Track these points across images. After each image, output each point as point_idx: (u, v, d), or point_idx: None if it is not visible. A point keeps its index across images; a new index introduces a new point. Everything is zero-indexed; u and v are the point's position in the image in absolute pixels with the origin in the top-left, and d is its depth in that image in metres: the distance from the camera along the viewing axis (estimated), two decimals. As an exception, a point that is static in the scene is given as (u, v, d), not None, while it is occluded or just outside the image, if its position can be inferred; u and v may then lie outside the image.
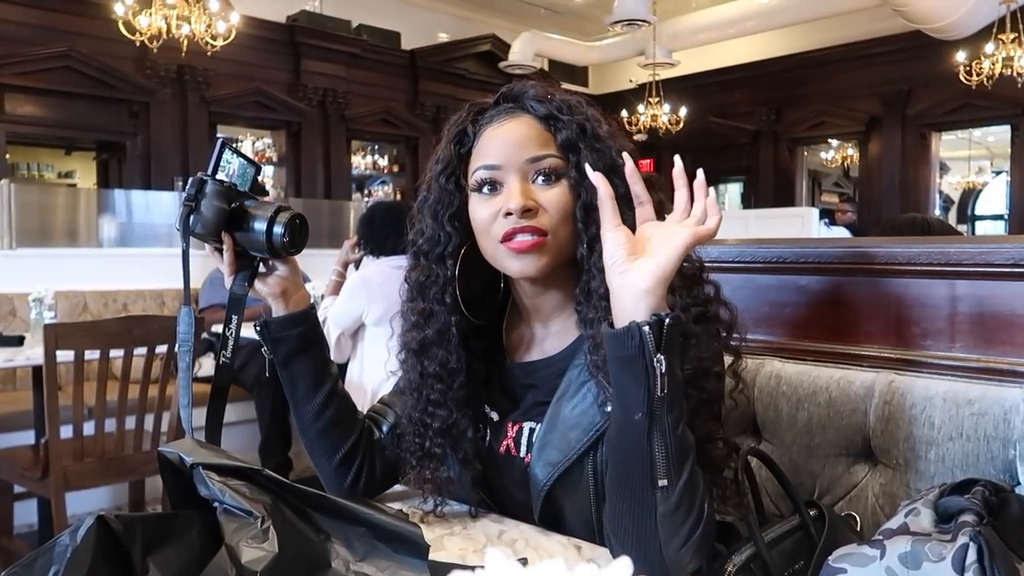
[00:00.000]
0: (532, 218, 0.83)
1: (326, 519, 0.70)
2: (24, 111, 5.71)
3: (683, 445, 0.71)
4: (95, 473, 2.39)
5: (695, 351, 0.80)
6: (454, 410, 0.91)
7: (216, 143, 0.94)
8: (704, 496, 0.73)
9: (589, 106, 0.90)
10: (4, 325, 3.34)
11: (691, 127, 8.44)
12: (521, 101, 0.89)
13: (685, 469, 0.71)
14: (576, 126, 0.85)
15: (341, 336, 2.77)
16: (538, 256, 0.84)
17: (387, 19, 7.76)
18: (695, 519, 0.72)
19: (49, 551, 0.61)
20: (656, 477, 0.70)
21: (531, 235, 0.83)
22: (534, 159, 0.85)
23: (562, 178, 0.85)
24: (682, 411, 0.71)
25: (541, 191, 0.85)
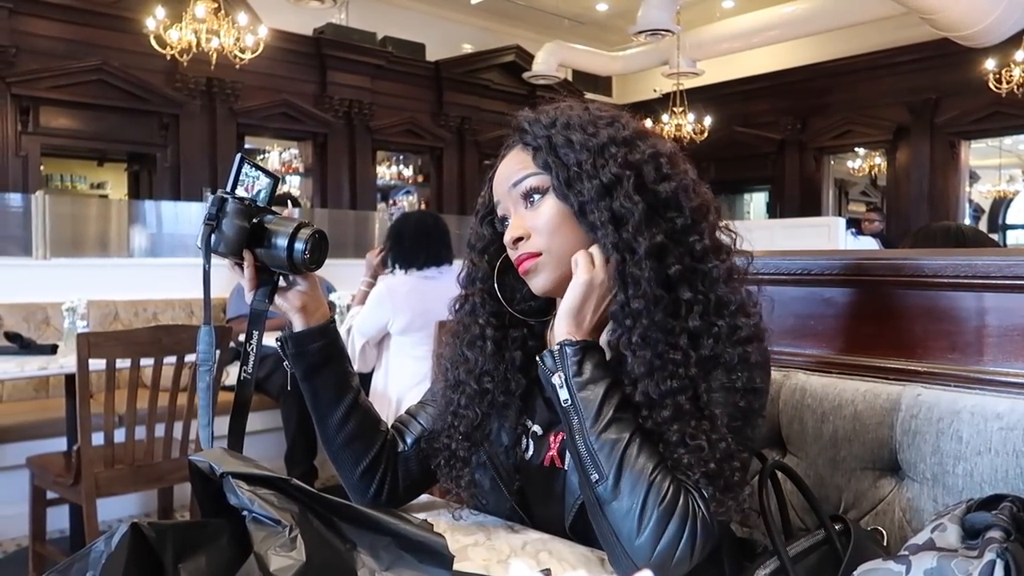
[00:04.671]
0: (525, 244, 0.88)
1: (352, 528, 0.71)
2: (58, 124, 5.83)
3: (606, 443, 0.78)
4: (125, 480, 2.43)
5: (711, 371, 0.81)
6: (480, 411, 0.93)
7: (235, 158, 0.95)
8: (666, 491, 0.76)
9: (573, 108, 0.91)
10: (38, 334, 3.41)
11: (715, 136, 8.41)
12: (515, 131, 0.93)
13: (612, 464, 0.77)
14: (545, 141, 0.87)
15: (366, 345, 2.79)
16: (539, 275, 0.88)
17: (412, 31, 7.83)
18: (656, 512, 0.75)
19: (85, 557, 0.62)
20: (588, 473, 0.79)
21: (528, 260, 0.88)
22: (514, 184, 0.89)
23: (547, 193, 0.87)
24: (600, 415, 0.79)
25: (531, 214, 0.88)
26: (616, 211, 0.82)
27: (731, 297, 0.83)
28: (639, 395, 0.81)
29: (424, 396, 1.09)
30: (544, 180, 0.87)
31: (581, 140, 0.85)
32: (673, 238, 0.82)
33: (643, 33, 6.99)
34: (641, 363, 0.80)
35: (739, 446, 0.80)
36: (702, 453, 0.77)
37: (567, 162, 0.85)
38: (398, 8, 7.89)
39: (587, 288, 0.84)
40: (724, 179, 8.97)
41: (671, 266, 0.81)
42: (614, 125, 0.88)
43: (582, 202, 0.84)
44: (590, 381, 0.80)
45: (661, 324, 0.80)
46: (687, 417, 0.79)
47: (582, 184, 0.84)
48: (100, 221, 5.47)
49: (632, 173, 0.83)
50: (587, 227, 0.85)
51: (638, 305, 0.80)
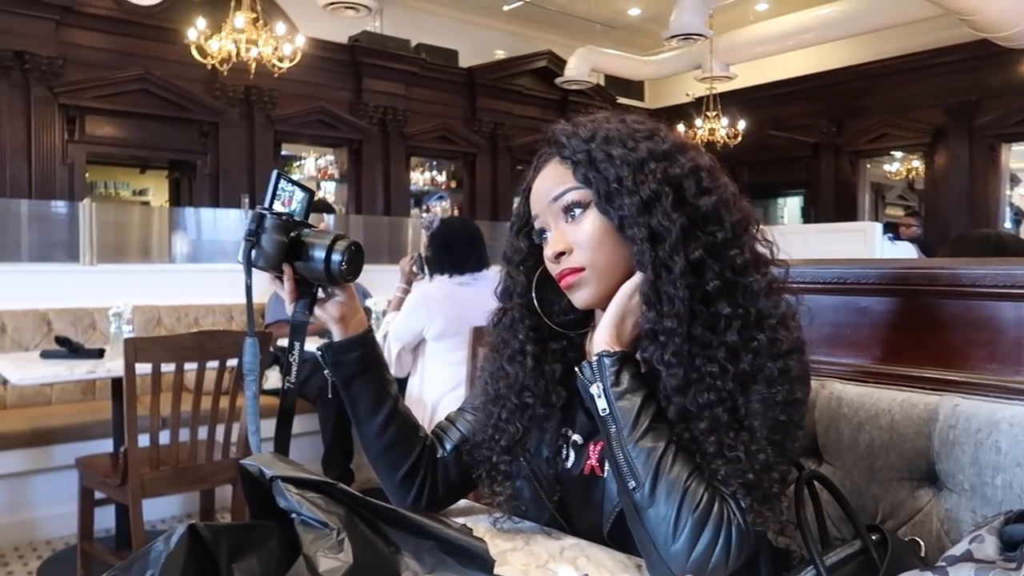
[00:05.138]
0: (567, 259, 0.88)
1: (396, 532, 0.73)
2: (103, 132, 5.98)
3: (643, 450, 0.80)
4: (169, 482, 2.49)
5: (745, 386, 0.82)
6: (521, 426, 0.95)
7: (271, 174, 0.97)
8: (701, 498, 0.78)
9: (610, 120, 0.91)
10: (85, 338, 3.51)
11: (749, 140, 8.34)
12: (551, 144, 0.93)
13: (649, 471, 0.79)
14: (584, 155, 0.87)
15: (402, 351, 2.82)
16: (583, 290, 0.89)
17: (445, 37, 7.89)
18: (691, 519, 0.77)
19: (145, 556, 0.65)
20: (625, 480, 0.80)
21: (572, 274, 0.88)
22: (554, 199, 0.89)
23: (589, 208, 0.87)
24: (637, 423, 0.81)
25: (573, 229, 0.88)
26: (654, 228, 0.82)
27: (772, 311, 0.83)
28: (673, 411, 0.81)
29: (463, 403, 1.11)
30: (585, 194, 0.87)
31: (621, 155, 0.85)
32: (712, 253, 0.82)
33: (676, 37, 6.96)
34: (674, 380, 0.81)
35: (778, 457, 0.81)
36: (740, 464, 0.78)
37: (608, 177, 0.85)
38: (431, 15, 7.97)
39: (633, 299, 0.85)
40: (758, 183, 8.88)
41: (710, 281, 0.82)
42: (653, 138, 0.88)
43: (622, 217, 0.84)
44: (627, 391, 0.82)
45: (699, 339, 0.81)
46: (725, 429, 0.79)
47: (622, 199, 0.84)
48: (143, 227, 5.60)
49: (671, 189, 0.83)
50: (627, 241, 0.85)
51: (671, 324, 0.80)
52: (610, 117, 0.92)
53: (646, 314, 0.83)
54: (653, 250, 0.82)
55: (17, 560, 3.01)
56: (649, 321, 0.82)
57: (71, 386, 3.59)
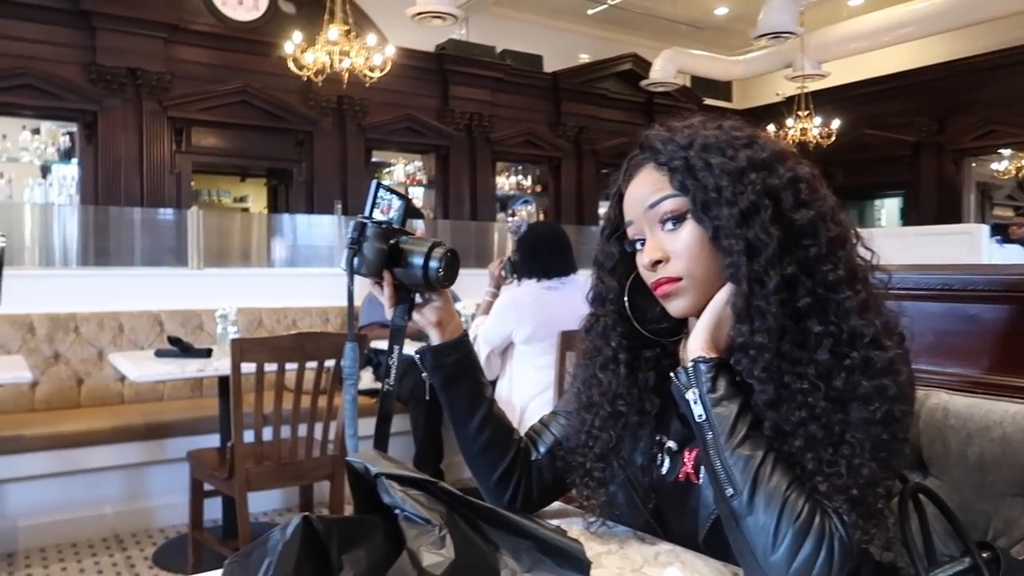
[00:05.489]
0: (664, 268, 0.87)
1: (494, 531, 0.75)
2: (207, 143, 6.29)
3: (740, 458, 0.79)
4: (272, 476, 2.61)
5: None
6: (615, 434, 0.95)
7: (371, 184, 1.01)
8: (801, 509, 0.77)
9: (707, 127, 0.89)
10: (193, 338, 3.70)
11: (844, 140, 8.04)
12: (645, 149, 0.92)
13: (747, 479, 0.78)
14: (682, 162, 0.86)
15: (491, 354, 2.86)
16: (680, 299, 0.88)
17: (529, 43, 7.94)
18: (792, 530, 0.76)
19: (263, 544, 0.68)
20: (722, 487, 0.80)
21: (668, 284, 0.88)
22: (651, 207, 0.88)
23: (686, 217, 0.86)
24: (734, 431, 0.80)
25: (670, 238, 0.87)
26: (751, 241, 0.81)
27: (865, 329, 0.80)
28: (768, 426, 0.81)
29: (556, 406, 1.13)
30: (682, 203, 0.86)
31: (720, 163, 0.84)
32: (805, 268, 0.81)
33: (765, 36, 6.79)
34: (765, 395, 0.80)
35: (883, 472, 0.79)
36: (842, 480, 0.77)
37: (706, 186, 0.84)
38: (516, 22, 8.03)
39: (727, 308, 0.85)
40: (853, 184, 8.55)
41: (801, 298, 0.80)
42: (752, 146, 0.86)
43: (717, 227, 0.83)
44: (724, 398, 0.81)
45: (788, 355, 0.80)
46: (822, 445, 0.78)
47: (720, 209, 0.83)
48: (243, 233, 5.87)
49: (771, 201, 0.82)
50: (721, 252, 0.84)
51: (761, 339, 0.80)
52: (706, 122, 0.90)
53: (737, 327, 0.82)
54: (749, 263, 0.81)
55: (135, 545, 3.21)
56: (740, 334, 0.82)
57: (181, 383, 3.80)
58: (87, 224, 5.26)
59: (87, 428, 3.30)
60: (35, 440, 3.18)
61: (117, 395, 3.74)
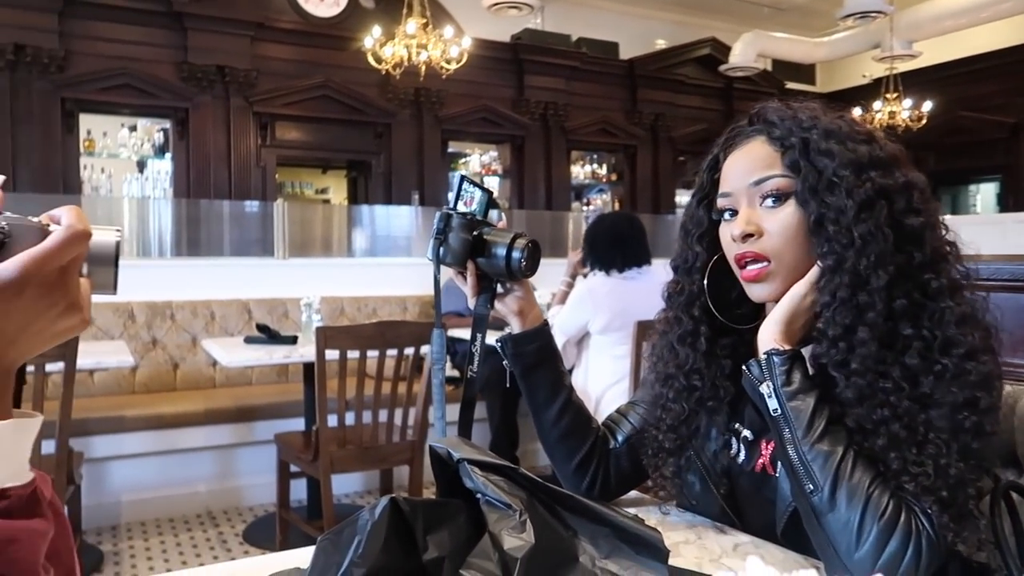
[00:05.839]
0: (754, 243, 0.86)
1: (573, 517, 0.76)
2: (290, 137, 6.49)
3: (820, 454, 0.78)
4: (354, 459, 2.69)
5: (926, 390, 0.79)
6: (687, 407, 0.96)
7: (456, 177, 1.05)
8: (886, 506, 0.75)
9: (827, 115, 0.88)
10: (279, 325, 3.85)
11: (935, 123, 7.66)
12: (758, 122, 0.91)
13: (828, 476, 0.77)
14: (800, 142, 0.85)
15: (567, 344, 2.88)
16: (766, 284, 0.87)
17: (605, 30, 7.86)
18: (876, 527, 0.74)
19: (353, 524, 0.71)
20: (801, 483, 0.79)
21: (756, 264, 0.87)
22: (757, 182, 0.87)
23: (789, 198, 0.85)
24: (812, 425, 0.79)
25: (767, 214, 0.87)
26: (862, 235, 0.80)
27: (960, 339, 0.79)
28: (851, 421, 0.80)
29: (634, 396, 1.14)
30: (790, 183, 0.85)
31: (840, 152, 0.83)
32: (906, 273, 0.80)
33: (852, 16, 6.53)
34: (853, 389, 0.79)
35: (972, 473, 0.77)
36: (929, 480, 0.75)
37: (822, 171, 0.83)
38: (592, 9, 7.96)
39: (810, 297, 0.84)
40: (946, 169, 8.15)
41: (896, 299, 0.79)
42: (871, 144, 0.85)
43: (823, 214, 0.82)
44: (800, 391, 0.81)
45: (875, 354, 0.79)
46: (906, 445, 0.77)
47: (832, 198, 0.82)
48: (325, 224, 6.05)
49: (885, 202, 0.81)
50: (818, 240, 0.83)
51: (864, 335, 0.79)
52: (825, 110, 0.89)
53: (835, 319, 0.81)
54: (856, 257, 0.80)
55: (226, 522, 3.38)
56: (838, 326, 0.80)
57: (268, 368, 3.96)
58: (180, 216, 5.51)
59: (182, 410, 3.48)
60: (135, 421, 3.38)
61: (209, 379, 3.93)
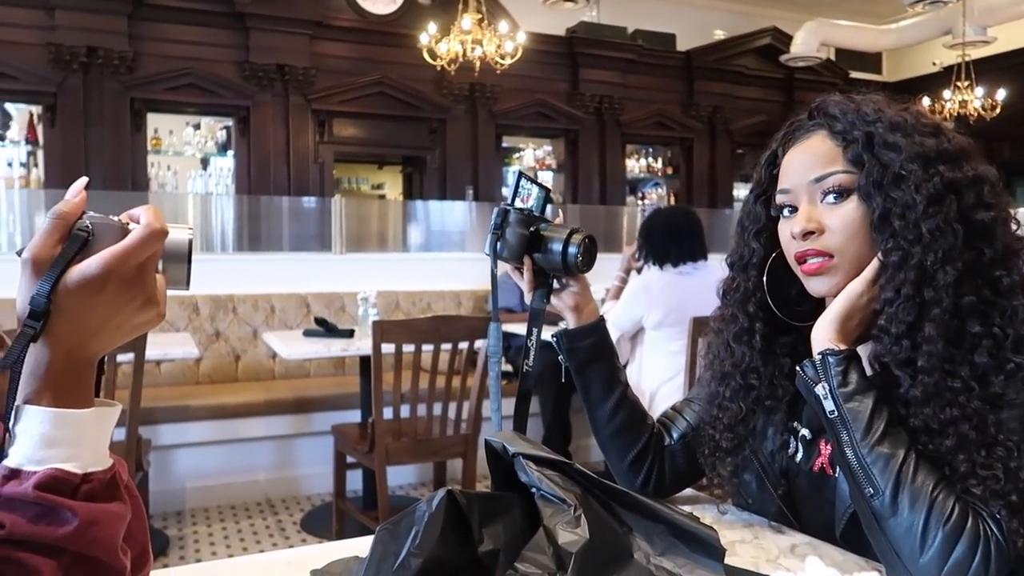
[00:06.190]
0: (815, 240, 0.85)
1: (628, 513, 0.76)
2: (347, 133, 6.59)
3: (880, 456, 0.76)
4: (409, 452, 2.73)
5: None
6: (744, 406, 0.95)
7: (515, 175, 1.04)
8: (951, 510, 0.73)
9: (891, 107, 0.86)
10: (336, 319, 3.92)
11: (1011, 112, 7.34)
12: (819, 115, 0.89)
13: (889, 479, 0.75)
14: (864, 136, 0.83)
15: (621, 339, 2.86)
16: (827, 278, 0.86)
17: (662, 22, 7.76)
18: (941, 532, 0.72)
19: (411, 514, 0.73)
20: (861, 487, 0.77)
21: (817, 258, 0.85)
22: (818, 179, 0.85)
23: (852, 194, 0.83)
24: (871, 427, 0.77)
25: (829, 211, 0.85)
26: (930, 231, 0.78)
27: None
28: (917, 422, 0.77)
29: (690, 394, 1.13)
30: (852, 179, 0.84)
31: (907, 145, 0.81)
32: (975, 269, 0.77)
33: (922, 2, 6.31)
34: (920, 388, 0.77)
35: None
36: (999, 484, 0.73)
37: (888, 165, 0.81)
38: (649, 1, 7.87)
39: (868, 296, 0.82)
40: (1023, 159, 7.81)
41: (964, 296, 0.77)
42: (939, 137, 0.83)
43: (888, 209, 0.80)
44: (857, 392, 0.79)
45: (942, 352, 0.77)
46: (975, 447, 0.75)
47: (899, 193, 0.80)
48: (380, 219, 6.13)
49: (954, 196, 0.79)
50: (882, 236, 0.81)
51: (931, 331, 0.77)
52: (889, 102, 0.87)
53: (899, 316, 0.79)
54: (924, 253, 0.78)
55: (284, 511, 3.47)
56: (903, 323, 0.78)
57: (326, 361, 4.04)
58: (241, 212, 5.66)
59: (243, 401, 3.58)
60: (199, 410, 3.49)
61: (269, 371, 4.03)
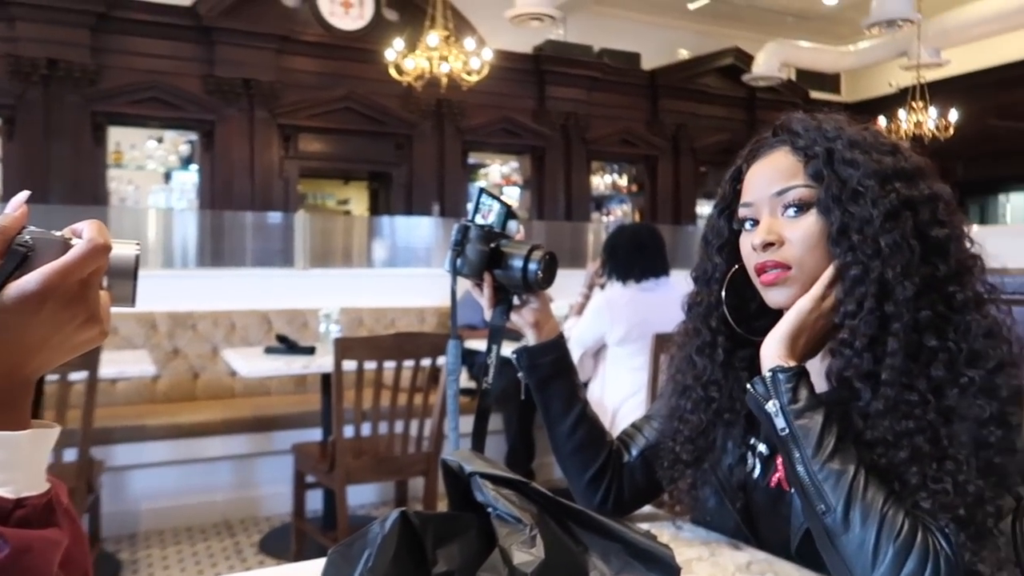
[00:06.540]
0: (775, 252, 0.86)
1: (584, 532, 0.75)
2: (313, 148, 6.55)
3: (831, 473, 0.76)
4: (370, 470, 2.69)
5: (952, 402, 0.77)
6: (704, 418, 0.95)
7: (476, 191, 1.03)
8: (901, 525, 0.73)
9: (851, 125, 0.88)
10: (299, 336, 3.87)
11: (965, 132, 7.55)
12: (783, 132, 0.91)
13: (840, 496, 0.75)
14: (824, 152, 0.84)
15: (584, 355, 2.87)
16: (784, 288, 0.87)
17: (627, 41, 7.87)
18: (892, 548, 0.72)
19: (364, 536, 0.71)
20: (813, 503, 0.77)
21: (776, 269, 0.86)
22: (779, 192, 0.87)
23: (812, 207, 0.85)
24: (821, 444, 0.77)
25: (789, 224, 0.86)
26: (889, 245, 0.79)
27: (988, 352, 0.78)
28: (875, 433, 0.78)
29: (650, 410, 1.13)
30: (812, 194, 0.85)
31: (865, 162, 0.83)
32: (931, 285, 0.79)
33: (878, 24, 6.47)
34: (882, 401, 0.78)
35: (993, 490, 0.75)
36: (948, 497, 0.74)
37: (847, 181, 0.83)
38: (615, 19, 7.97)
39: (816, 313, 0.83)
40: (975, 179, 8.04)
41: (921, 310, 0.78)
42: (896, 155, 0.85)
43: (845, 224, 0.82)
44: (807, 409, 0.79)
45: (902, 366, 0.78)
46: (927, 460, 0.76)
47: (856, 207, 0.81)
48: (345, 235, 6.09)
49: (910, 212, 0.80)
50: (838, 250, 0.82)
51: (894, 345, 0.78)
52: (850, 121, 0.89)
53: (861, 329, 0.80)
54: (883, 268, 0.79)
55: (242, 532, 3.39)
56: (865, 337, 0.79)
57: (287, 379, 3.98)
58: (204, 227, 5.58)
59: (202, 419, 3.51)
60: (156, 429, 3.41)
61: (229, 389, 3.96)
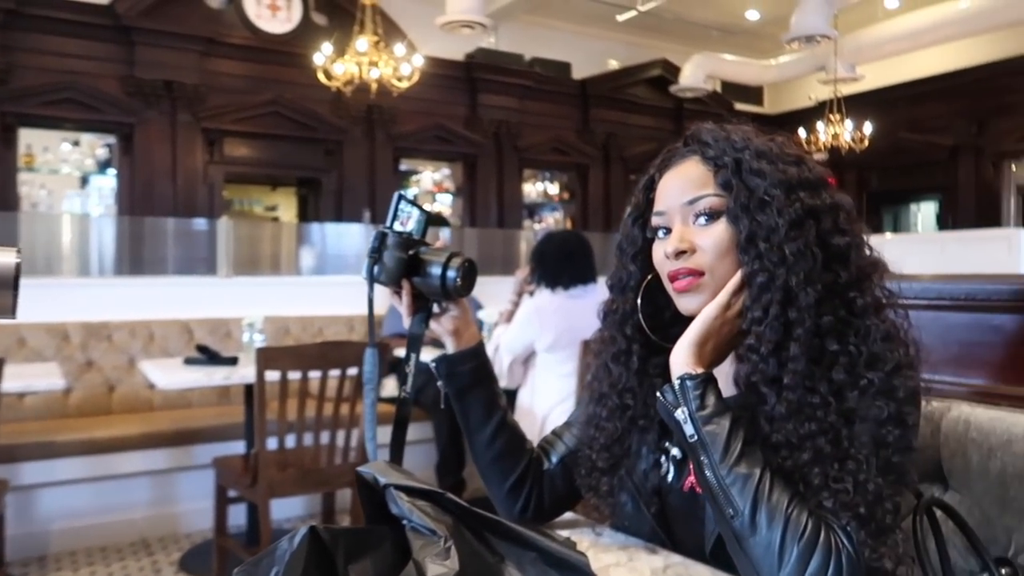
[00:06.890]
0: (687, 259, 0.87)
1: (500, 542, 0.75)
2: (238, 153, 6.39)
3: (738, 477, 0.78)
4: (295, 483, 2.63)
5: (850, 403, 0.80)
6: (620, 426, 0.96)
7: (393, 196, 1.01)
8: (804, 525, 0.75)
9: (758, 136, 0.90)
10: (221, 346, 3.75)
11: (878, 144, 7.91)
12: (693, 142, 0.92)
13: (747, 499, 0.77)
14: (732, 162, 0.86)
15: (513, 363, 2.86)
16: (696, 295, 0.88)
17: (558, 50, 7.96)
18: (796, 548, 0.74)
19: (271, 554, 0.69)
20: (722, 508, 0.78)
21: (688, 276, 0.87)
22: (691, 201, 0.88)
23: (721, 216, 0.86)
24: (728, 449, 0.78)
25: (700, 232, 0.87)
26: (793, 253, 0.81)
27: (887, 355, 0.80)
28: (779, 438, 0.80)
29: (570, 417, 1.13)
30: (722, 202, 0.87)
31: (771, 172, 0.85)
32: (832, 291, 0.81)
33: (797, 40, 6.71)
34: (785, 404, 0.79)
35: (891, 488, 0.78)
36: (848, 496, 0.76)
37: (754, 190, 0.84)
38: (546, 29, 8.05)
39: (721, 320, 0.85)
40: (888, 189, 8.42)
41: (823, 316, 0.81)
42: (800, 166, 0.87)
43: (753, 232, 0.83)
44: (714, 415, 0.80)
45: (805, 370, 0.80)
46: (829, 460, 0.78)
47: (763, 216, 0.83)
48: (273, 242, 5.95)
49: (813, 221, 0.83)
50: (746, 257, 0.84)
51: (796, 350, 0.79)
52: (757, 132, 0.91)
53: (767, 335, 0.81)
54: (786, 274, 0.81)
55: (161, 551, 3.26)
56: (770, 343, 0.81)
57: (209, 391, 3.85)
58: (123, 234, 5.37)
59: (118, 434, 3.36)
60: (67, 446, 3.25)
61: (147, 402, 3.81)
